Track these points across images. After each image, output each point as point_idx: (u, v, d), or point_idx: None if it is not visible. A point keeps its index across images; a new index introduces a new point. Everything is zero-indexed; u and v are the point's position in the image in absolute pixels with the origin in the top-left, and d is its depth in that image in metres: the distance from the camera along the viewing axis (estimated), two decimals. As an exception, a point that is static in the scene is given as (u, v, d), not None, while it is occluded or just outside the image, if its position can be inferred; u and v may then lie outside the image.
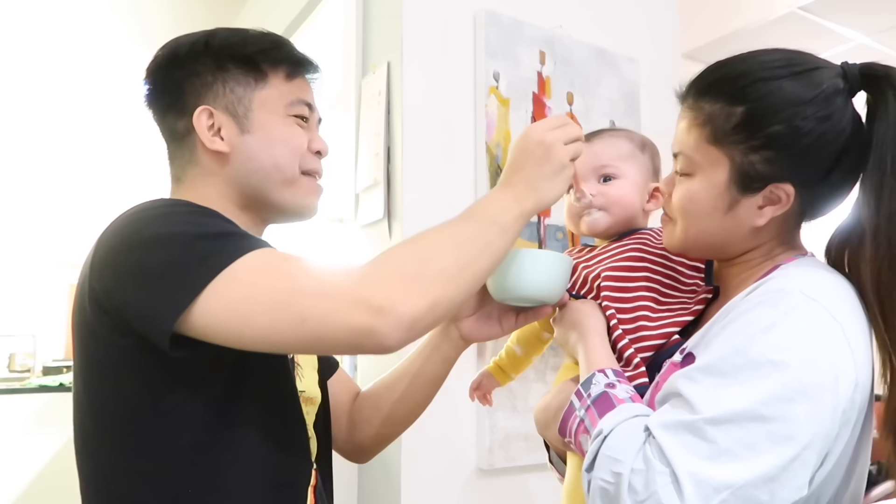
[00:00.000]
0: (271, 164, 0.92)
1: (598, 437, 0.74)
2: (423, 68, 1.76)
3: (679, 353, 0.83)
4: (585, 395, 0.81)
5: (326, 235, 2.25)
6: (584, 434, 0.79)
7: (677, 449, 0.67)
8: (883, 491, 2.75)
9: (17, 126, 3.08)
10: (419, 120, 1.74)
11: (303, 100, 0.96)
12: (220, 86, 0.91)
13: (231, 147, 0.91)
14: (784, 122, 0.76)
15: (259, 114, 0.92)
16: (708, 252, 0.88)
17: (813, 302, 0.72)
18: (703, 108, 0.81)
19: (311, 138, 0.96)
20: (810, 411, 0.68)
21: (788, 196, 0.78)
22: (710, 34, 3.33)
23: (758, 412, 0.67)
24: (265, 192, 0.93)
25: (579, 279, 0.99)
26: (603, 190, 1.01)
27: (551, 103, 1.93)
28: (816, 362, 0.69)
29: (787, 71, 0.78)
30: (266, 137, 0.92)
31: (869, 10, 3.14)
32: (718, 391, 0.69)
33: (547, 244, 1.85)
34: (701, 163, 0.81)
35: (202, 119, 0.90)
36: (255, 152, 0.91)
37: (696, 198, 0.82)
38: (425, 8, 1.79)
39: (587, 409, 0.80)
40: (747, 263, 0.85)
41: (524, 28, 1.90)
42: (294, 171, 0.93)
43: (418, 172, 1.73)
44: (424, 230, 0.80)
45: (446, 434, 1.69)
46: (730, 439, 0.66)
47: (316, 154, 0.97)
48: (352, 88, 1.93)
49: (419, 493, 1.64)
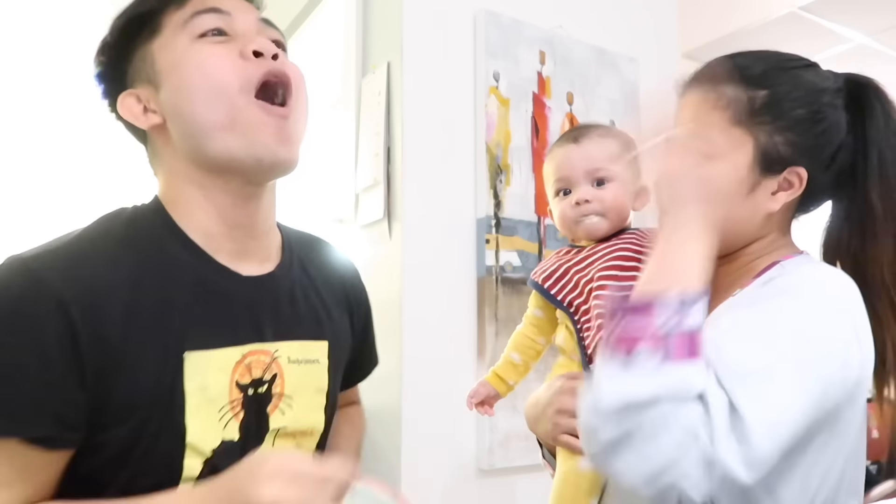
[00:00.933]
0: (192, 109, 0.74)
1: (683, 389, 0.64)
2: (423, 68, 1.76)
3: None
4: (686, 311, 0.66)
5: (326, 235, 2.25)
6: (656, 346, 0.65)
7: (749, 399, 0.65)
8: (883, 491, 2.75)
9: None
10: (419, 120, 1.74)
11: (200, 8, 0.76)
12: (138, 59, 0.79)
13: (161, 115, 0.78)
14: (807, 106, 0.80)
15: (161, 60, 0.76)
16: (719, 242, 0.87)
17: (828, 298, 0.75)
18: (722, 93, 0.82)
19: (240, 45, 0.76)
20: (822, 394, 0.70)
21: (801, 180, 0.81)
22: (710, 34, 3.33)
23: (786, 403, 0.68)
24: (207, 149, 0.75)
25: (569, 283, 0.99)
26: (598, 195, 1.00)
27: (551, 103, 1.93)
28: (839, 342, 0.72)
29: (799, 63, 0.83)
30: (176, 83, 0.75)
31: (869, 10, 3.13)
32: (762, 345, 0.69)
33: (547, 244, 1.85)
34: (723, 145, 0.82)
35: (127, 104, 0.79)
36: (175, 106, 0.76)
37: (720, 180, 0.82)
38: (425, 8, 1.79)
39: (680, 332, 0.65)
40: (745, 258, 0.85)
41: (524, 28, 1.90)
42: (227, 105, 0.73)
43: (418, 172, 1.73)
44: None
45: (446, 434, 1.69)
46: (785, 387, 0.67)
47: (257, 56, 0.75)
48: (352, 88, 1.93)
49: (419, 493, 1.64)
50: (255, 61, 0.75)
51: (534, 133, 1.89)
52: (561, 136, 1.10)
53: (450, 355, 1.71)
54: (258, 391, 0.78)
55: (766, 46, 0.87)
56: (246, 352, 0.77)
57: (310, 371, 0.84)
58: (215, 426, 0.74)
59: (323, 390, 0.86)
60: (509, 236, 1.80)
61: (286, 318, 0.83)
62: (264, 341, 0.79)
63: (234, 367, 0.76)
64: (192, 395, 0.72)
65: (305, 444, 0.84)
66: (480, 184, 1.79)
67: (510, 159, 1.83)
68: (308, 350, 0.84)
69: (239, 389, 0.76)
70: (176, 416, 0.71)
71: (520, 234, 1.82)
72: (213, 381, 0.74)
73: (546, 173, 1.08)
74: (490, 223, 1.77)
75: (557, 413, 0.94)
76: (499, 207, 1.80)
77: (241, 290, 0.79)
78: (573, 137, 1.04)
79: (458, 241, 1.77)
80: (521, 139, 1.86)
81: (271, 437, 0.80)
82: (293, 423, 0.82)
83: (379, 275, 1.78)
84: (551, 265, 1.03)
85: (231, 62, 0.75)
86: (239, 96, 0.74)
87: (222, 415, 0.74)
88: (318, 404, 0.85)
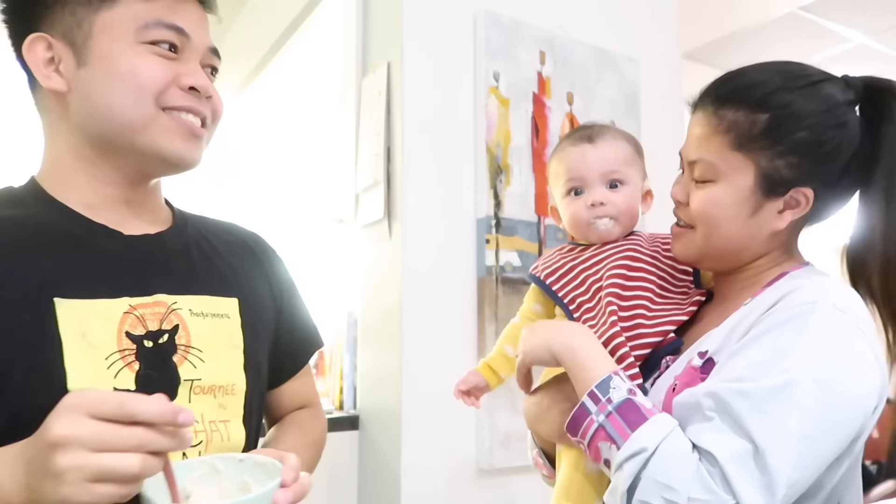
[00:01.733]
0: (107, 102, 0.75)
1: (638, 456, 0.72)
2: (423, 68, 1.76)
3: (698, 356, 0.83)
4: (604, 399, 0.78)
5: (326, 235, 2.25)
6: (605, 441, 0.76)
7: (743, 480, 0.68)
8: (883, 491, 2.75)
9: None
10: (419, 120, 1.74)
11: (164, 21, 0.77)
12: (58, 7, 0.76)
13: (69, 84, 0.76)
14: (808, 128, 0.79)
15: (100, 41, 0.76)
16: (724, 259, 0.88)
17: (844, 315, 0.75)
18: (724, 116, 0.82)
19: (182, 72, 0.78)
20: (850, 425, 0.73)
21: (808, 199, 0.81)
22: (710, 34, 3.33)
23: (808, 433, 0.70)
24: (111, 138, 0.77)
25: (575, 281, 0.98)
26: (612, 198, 0.99)
27: (551, 103, 1.93)
28: (854, 378, 0.73)
29: (804, 81, 0.81)
30: (104, 71, 0.75)
31: (869, 10, 3.14)
32: (766, 415, 0.71)
33: (547, 244, 1.85)
34: (725, 169, 0.82)
35: (36, 50, 0.76)
36: (91, 90, 0.76)
37: (722, 203, 0.83)
38: (425, 8, 1.79)
39: (608, 416, 0.77)
40: (753, 270, 0.87)
41: (524, 28, 1.90)
42: (143, 112, 0.76)
43: (418, 172, 1.73)
44: None
45: (446, 434, 1.69)
46: (785, 465, 0.69)
47: (191, 91, 0.78)
48: (352, 88, 1.93)
49: (419, 493, 1.64)
50: (184, 93, 0.79)
51: (534, 133, 1.89)
52: (571, 133, 1.07)
53: (450, 355, 1.71)
54: (158, 342, 0.77)
55: (766, 46, 0.88)
56: (134, 304, 0.77)
57: (219, 325, 0.84)
58: (103, 374, 0.72)
59: (239, 346, 0.85)
60: (509, 236, 1.80)
61: (181, 273, 0.83)
62: (154, 294, 0.79)
63: (122, 317, 0.75)
64: (69, 340, 0.71)
65: (230, 403, 0.82)
66: (480, 184, 1.79)
67: (510, 159, 1.83)
68: (213, 305, 0.84)
69: (131, 340, 0.75)
70: (52, 360, 0.69)
71: (520, 234, 1.82)
72: (93, 328, 0.73)
73: (555, 171, 1.06)
74: (490, 223, 1.77)
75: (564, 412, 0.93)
76: (499, 207, 1.80)
77: (121, 247, 0.80)
78: (587, 137, 1.02)
79: (458, 241, 1.77)
80: (521, 139, 1.86)
81: (185, 390, 0.79)
82: (207, 376, 0.81)
83: (379, 275, 1.78)
84: (555, 262, 1.03)
85: (164, 81, 0.77)
86: (159, 111, 0.77)
87: (111, 363, 0.73)
88: (236, 361, 0.85)
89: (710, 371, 0.79)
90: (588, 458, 0.88)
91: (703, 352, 0.82)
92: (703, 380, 0.78)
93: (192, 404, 0.78)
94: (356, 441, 1.80)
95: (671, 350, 0.88)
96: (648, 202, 1.05)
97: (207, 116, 0.82)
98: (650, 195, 1.05)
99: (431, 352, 1.68)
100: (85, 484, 0.54)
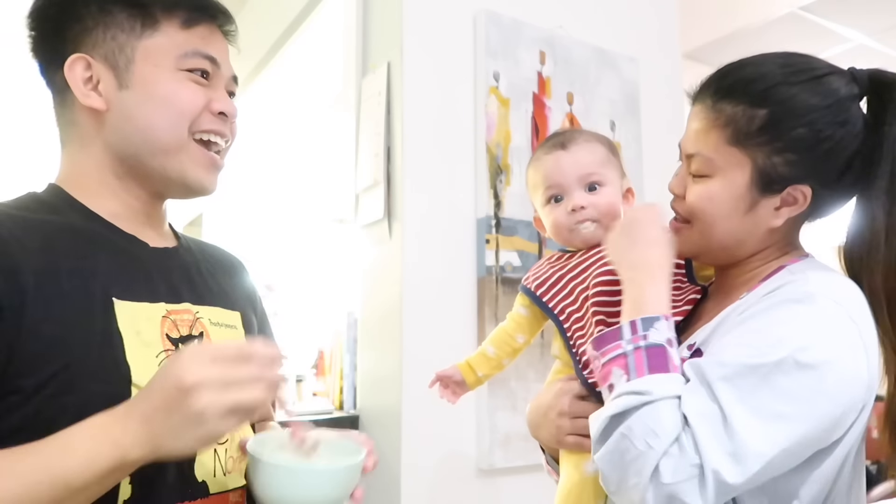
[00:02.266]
0: (148, 124, 0.80)
1: (640, 396, 0.72)
2: (423, 68, 1.76)
3: (686, 348, 0.83)
4: (641, 333, 0.76)
5: (326, 235, 2.25)
6: (621, 369, 0.75)
7: (709, 442, 0.68)
8: (883, 491, 2.75)
9: None
10: (419, 120, 1.74)
11: (201, 52, 0.83)
12: (100, 31, 0.80)
13: (108, 104, 0.80)
14: (807, 125, 0.78)
15: (142, 66, 0.80)
16: (721, 254, 0.88)
17: (838, 306, 0.74)
18: (723, 110, 0.81)
19: (214, 98, 0.84)
20: (830, 412, 0.71)
21: (806, 197, 0.80)
22: (710, 34, 3.33)
23: (782, 412, 0.70)
24: (144, 159, 0.82)
25: (563, 290, 0.98)
26: (592, 200, 0.99)
27: (551, 103, 1.93)
28: (839, 367, 0.72)
29: (806, 76, 0.80)
30: (146, 94, 0.80)
31: (869, 10, 3.14)
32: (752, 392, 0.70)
33: (547, 244, 1.85)
34: (721, 164, 0.82)
35: (76, 69, 0.80)
36: (133, 111, 0.80)
37: (717, 198, 0.82)
38: (425, 8, 1.79)
39: (636, 349, 0.75)
40: (752, 264, 0.86)
41: (524, 28, 1.90)
42: (178, 136, 0.81)
43: (418, 172, 1.73)
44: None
45: (446, 434, 1.69)
46: (754, 437, 0.69)
47: (220, 115, 0.85)
48: (352, 88, 1.93)
49: (419, 493, 1.64)
50: (214, 117, 0.85)
51: (534, 133, 1.89)
52: (543, 143, 1.07)
53: (450, 355, 1.70)
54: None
55: (767, 47, 0.86)
56: (169, 309, 0.82)
57: (230, 335, 0.90)
58: (155, 370, 0.75)
59: None
60: (509, 236, 1.80)
61: (198, 285, 0.89)
62: (182, 302, 0.84)
63: (161, 321, 0.80)
64: (129, 337, 0.76)
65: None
66: (480, 184, 1.79)
67: (510, 159, 1.83)
68: (225, 316, 0.89)
69: (171, 342, 0.81)
70: (117, 355, 0.74)
71: (520, 234, 1.82)
72: (144, 328, 0.78)
73: (533, 181, 1.06)
74: (490, 223, 1.77)
75: (559, 416, 0.94)
76: (499, 207, 1.80)
77: (151, 256, 0.84)
78: (560, 144, 1.03)
79: (458, 241, 1.77)
80: (521, 139, 1.86)
81: None
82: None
83: (379, 275, 1.78)
84: (544, 272, 1.03)
85: (201, 106, 0.83)
86: (190, 139, 0.83)
87: (160, 361, 0.78)
88: None
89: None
90: (588, 463, 0.88)
91: (692, 344, 0.82)
92: None
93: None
94: (356, 441, 1.80)
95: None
96: (630, 200, 1.04)
97: (230, 138, 0.89)
98: (630, 193, 1.04)
99: (431, 352, 1.68)
100: (221, 418, 0.63)
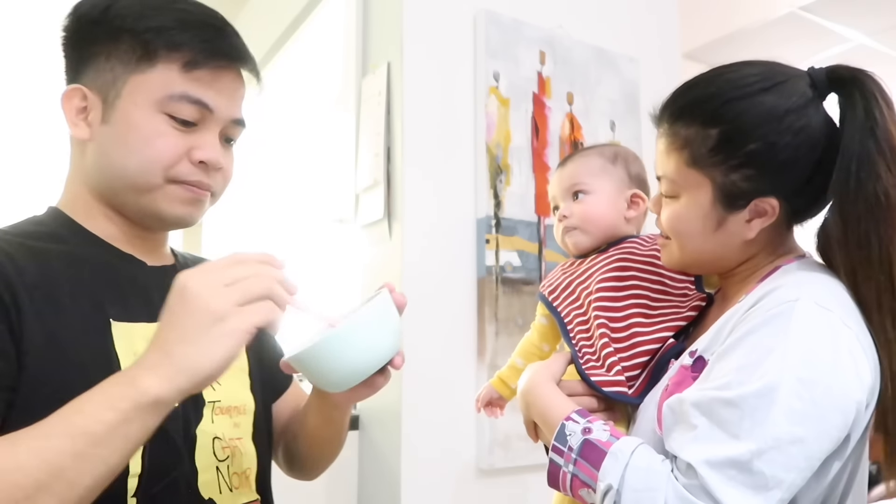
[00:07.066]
0: (121, 164, 0.77)
1: (609, 494, 0.72)
2: (423, 68, 1.76)
3: (689, 355, 0.82)
4: (565, 449, 0.78)
5: (326, 235, 2.25)
6: (584, 488, 0.76)
7: (724, 486, 0.67)
8: (883, 491, 2.75)
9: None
10: (419, 120, 1.74)
11: (190, 96, 0.77)
12: (103, 61, 0.78)
13: (91, 135, 0.79)
14: (760, 139, 0.77)
15: (125, 102, 0.77)
16: (706, 268, 0.89)
17: (827, 312, 0.73)
18: (678, 133, 0.82)
19: (196, 145, 0.79)
20: (840, 422, 0.70)
21: (774, 208, 0.80)
22: (710, 34, 3.33)
23: (798, 435, 0.68)
24: (118, 193, 0.80)
25: (572, 295, 0.99)
26: (574, 209, 1.03)
27: (551, 103, 1.93)
28: (841, 375, 0.71)
29: (757, 87, 0.79)
30: (122, 132, 0.77)
31: (869, 10, 3.14)
32: (753, 420, 0.69)
33: (547, 244, 1.85)
34: (684, 185, 0.83)
35: (72, 99, 0.79)
36: (107, 147, 0.78)
37: (685, 218, 0.83)
38: (425, 8, 1.79)
39: (575, 463, 0.76)
40: (748, 268, 0.86)
41: (524, 28, 1.90)
42: (149, 180, 0.78)
43: (418, 172, 1.73)
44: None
45: (446, 434, 1.69)
46: (774, 467, 0.68)
47: (199, 164, 0.80)
48: (352, 88, 1.93)
49: (419, 492, 1.64)
50: (194, 167, 0.80)
51: (534, 133, 1.89)
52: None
53: (450, 355, 1.71)
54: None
55: (766, 46, 0.87)
56: None
57: None
58: None
59: (245, 370, 0.91)
60: (509, 236, 1.80)
61: None
62: None
63: None
64: (126, 359, 0.74)
65: (242, 422, 0.87)
66: (480, 184, 1.79)
67: (510, 159, 1.83)
68: None
69: None
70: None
71: (520, 234, 1.82)
72: (142, 348, 0.75)
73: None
74: (490, 223, 1.77)
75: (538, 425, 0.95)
76: (499, 207, 1.80)
77: (148, 276, 0.84)
78: (564, 161, 1.10)
79: (458, 241, 1.77)
80: (521, 139, 1.86)
81: (209, 411, 0.83)
82: (225, 398, 0.86)
83: (379, 275, 1.78)
84: (557, 278, 1.05)
85: (178, 154, 0.78)
86: (165, 182, 0.79)
87: None
88: (244, 383, 0.90)
89: (702, 369, 0.78)
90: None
91: (693, 351, 0.82)
92: (695, 378, 0.78)
93: (214, 424, 0.83)
94: (356, 441, 1.80)
95: (675, 353, 0.88)
96: (640, 205, 1.04)
97: (216, 190, 0.84)
98: (636, 198, 1.04)
99: (431, 352, 1.68)
100: (237, 311, 0.60)
